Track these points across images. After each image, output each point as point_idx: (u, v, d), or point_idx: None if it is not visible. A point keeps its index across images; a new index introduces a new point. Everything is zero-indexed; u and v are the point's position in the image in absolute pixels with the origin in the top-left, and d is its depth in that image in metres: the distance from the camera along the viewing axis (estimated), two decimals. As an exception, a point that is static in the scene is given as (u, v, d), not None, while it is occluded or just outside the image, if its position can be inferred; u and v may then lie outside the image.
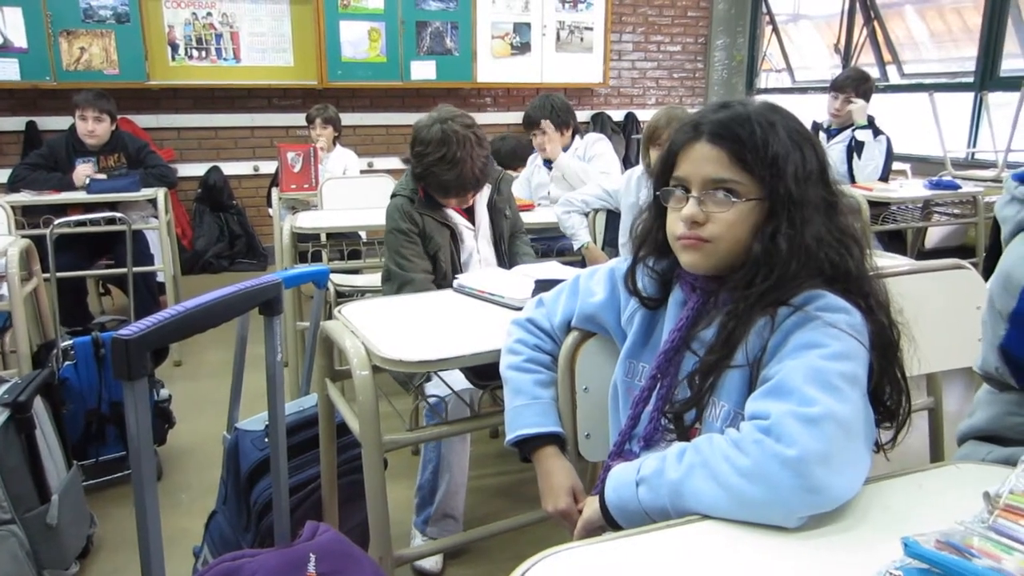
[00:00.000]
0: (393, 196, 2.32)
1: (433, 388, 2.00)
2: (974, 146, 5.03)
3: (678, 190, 1.09)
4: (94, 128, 3.85)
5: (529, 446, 1.25)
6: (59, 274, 3.17)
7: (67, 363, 2.44)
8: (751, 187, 1.03)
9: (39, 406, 2.06)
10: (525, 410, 1.26)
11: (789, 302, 0.99)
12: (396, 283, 2.23)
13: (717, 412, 1.04)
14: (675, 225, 1.09)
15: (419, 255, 2.25)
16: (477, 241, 2.37)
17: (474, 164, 2.16)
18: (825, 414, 0.87)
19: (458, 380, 1.86)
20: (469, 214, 2.37)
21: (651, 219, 1.17)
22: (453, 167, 2.13)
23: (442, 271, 2.28)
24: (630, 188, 2.68)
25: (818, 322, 0.96)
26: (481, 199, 2.36)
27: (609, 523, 1.00)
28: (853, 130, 3.95)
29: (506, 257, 2.42)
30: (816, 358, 0.93)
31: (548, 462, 1.24)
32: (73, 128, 3.91)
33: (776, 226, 1.01)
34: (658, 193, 1.12)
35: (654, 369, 1.11)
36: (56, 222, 3.16)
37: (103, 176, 3.83)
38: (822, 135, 4.16)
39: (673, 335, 1.10)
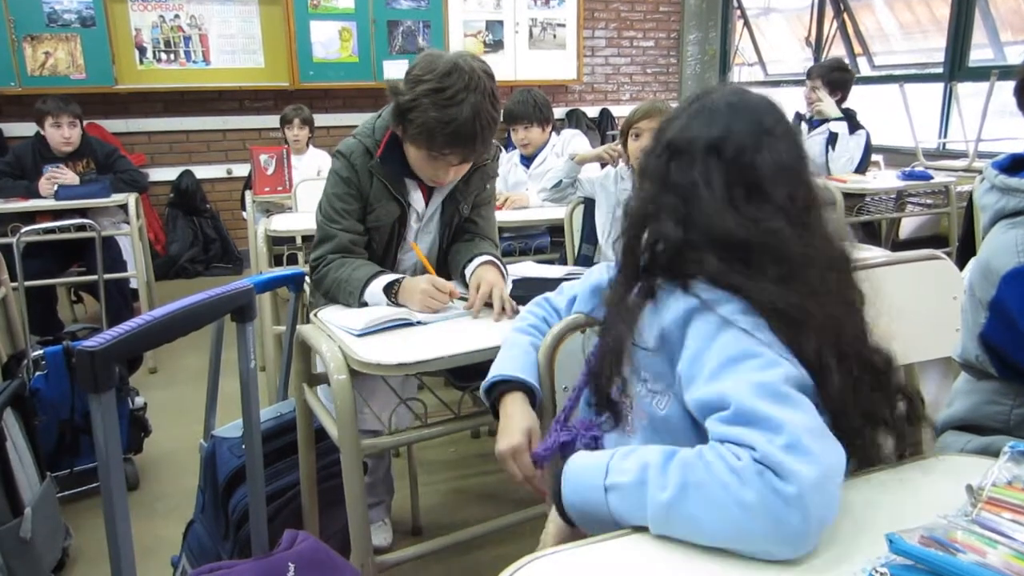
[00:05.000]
0: (351, 137, 1.91)
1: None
2: (945, 136, 5.08)
3: None
4: (70, 135, 3.79)
5: (499, 390, 1.23)
6: (28, 282, 3.11)
7: (38, 373, 2.39)
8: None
9: (10, 418, 2.02)
10: (509, 360, 1.26)
11: (691, 291, 0.97)
12: (316, 237, 1.91)
13: (646, 388, 1.04)
14: None
15: (350, 213, 1.86)
16: (418, 235, 1.99)
17: (478, 116, 1.69)
18: (796, 432, 0.82)
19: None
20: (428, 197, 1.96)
21: None
22: (450, 105, 1.66)
23: (376, 256, 1.93)
24: (608, 180, 2.67)
25: (735, 329, 0.92)
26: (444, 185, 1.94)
27: (565, 520, 0.96)
28: (827, 123, 3.99)
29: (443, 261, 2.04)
30: (755, 372, 0.88)
31: (512, 406, 1.21)
32: (39, 135, 3.84)
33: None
34: None
35: (594, 347, 1.13)
36: (24, 230, 3.11)
37: (74, 178, 3.75)
38: (804, 126, 4.19)
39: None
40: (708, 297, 0.95)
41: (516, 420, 1.19)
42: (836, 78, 4.02)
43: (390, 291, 1.74)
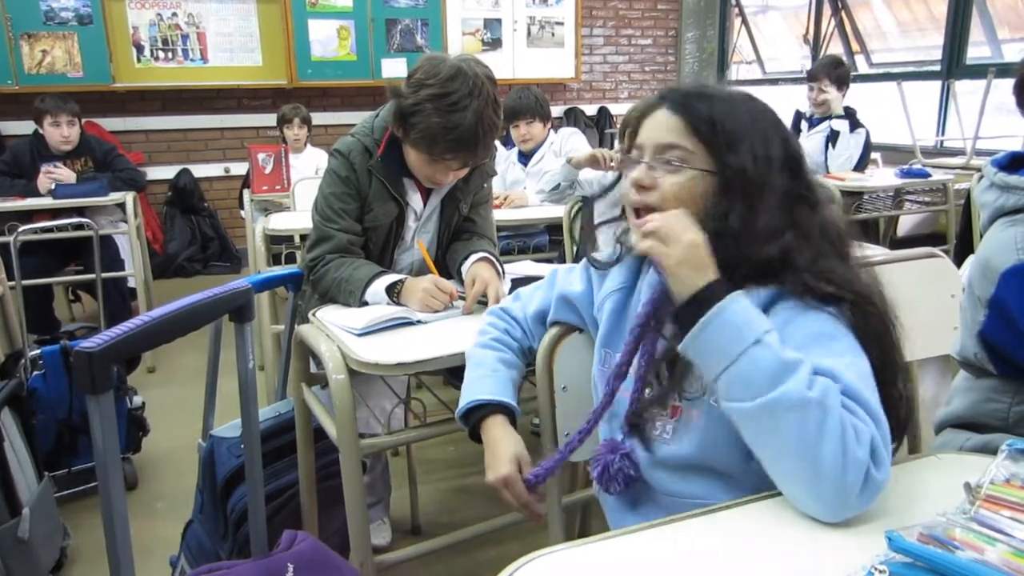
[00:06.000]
0: (349, 135, 1.89)
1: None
2: (942, 134, 5.08)
3: (634, 155, 1.08)
4: (69, 134, 3.79)
5: (478, 415, 1.21)
6: (25, 281, 3.11)
7: (36, 373, 2.39)
8: (703, 159, 1.02)
9: (7, 417, 2.01)
10: (482, 380, 1.23)
11: (768, 283, 0.98)
12: (312, 237, 1.89)
13: (701, 387, 1.02)
14: (627, 192, 1.08)
15: (348, 213, 1.85)
16: (415, 235, 1.98)
17: (480, 122, 1.68)
18: (886, 429, 0.88)
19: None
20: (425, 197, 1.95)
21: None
22: (453, 111, 1.66)
23: (373, 257, 1.91)
24: (606, 179, 2.67)
25: (817, 311, 0.95)
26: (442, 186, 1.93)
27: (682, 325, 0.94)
28: (830, 120, 4.00)
29: (442, 260, 2.01)
30: (849, 354, 0.92)
31: (495, 430, 1.18)
32: (37, 133, 3.83)
33: (729, 205, 0.99)
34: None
35: (629, 343, 1.09)
36: (21, 229, 3.10)
37: (71, 176, 3.75)
38: (804, 124, 4.21)
39: (647, 307, 1.07)
40: (787, 286, 0.98)
41: (503, 447, 1.16)
42: (841, 74, 4.04)
43: (392, 291, 1.73)
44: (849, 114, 4.04)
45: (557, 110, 6.67)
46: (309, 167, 4.50)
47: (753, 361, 0.89)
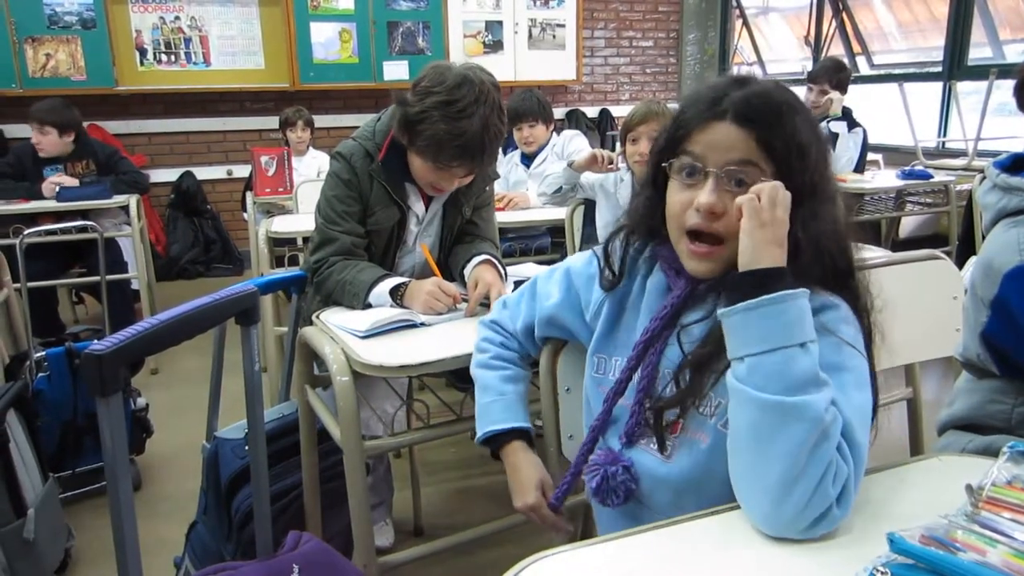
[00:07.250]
0: (350, 139, 1.90)
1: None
2: (944, 135, 5.08)
3: (691, 166, 0.99)
4: (40, 141, 3.78)
5: (498, 442, 1.23)
6: (30, 284, 3.11)
7: (41, 375, 2.40)
8: (771, 175, 0.95)
9: (12, 419, 2.02)
10: (492, 406, 1.24)
11: None
12: (315, 239, 1.90)
13: (712, 408, 0.99)
14: (683, 213, 0.99)
15: (351, 216, 1.85)
16: (417, 239, 1.99)
17: (486, 129, 1.69)
18: (861, 469, 0.89)
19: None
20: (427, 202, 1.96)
21: (647, 200, 1.09)
22: (460, 118, 1.66)
23: (374, 259, 1.92)
24: (608, 183, 2.68)
25: (834, 338, 0.94)
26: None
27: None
28: (828, 121, 3.99)
29: (444, 263, 2.01)
30: (854, 389, 0.92)
31: (515, 456, 1.21)
32: (39, 136, 3.85)
33: (795, 218, 0.94)
34: (664, 164, 1.02)
35: (632, 359, 1.06)
36: (26, 231, 3.11)
37: (75, 182, 3.76)
38: None
39: (655, 322, 1.04)
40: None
41: (526, 474, 1.19)
42: (843, 78, 4.04)
43: (396, 293, 1.74)
44: (845, 114, 4.03)
45: (558, 112, 6.67)
46: (312, 169, 4.52)
47: (791, 360, 0.87)
